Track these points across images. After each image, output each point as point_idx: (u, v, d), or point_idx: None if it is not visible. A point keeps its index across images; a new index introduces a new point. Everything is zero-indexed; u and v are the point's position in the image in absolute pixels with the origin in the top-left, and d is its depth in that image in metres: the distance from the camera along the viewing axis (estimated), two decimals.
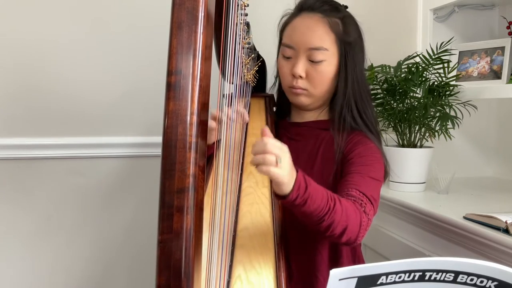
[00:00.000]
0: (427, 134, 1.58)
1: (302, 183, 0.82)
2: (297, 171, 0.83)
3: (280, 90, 1.22)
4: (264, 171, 0.79)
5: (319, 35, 1.07)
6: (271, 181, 1.07)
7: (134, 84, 1.59)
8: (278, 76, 1.21)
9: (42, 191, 1.56)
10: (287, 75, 1.11)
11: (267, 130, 0.81)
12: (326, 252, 1.08)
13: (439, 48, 1.55)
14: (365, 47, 1.15)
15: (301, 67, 1.07)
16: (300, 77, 1.08)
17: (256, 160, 0.79)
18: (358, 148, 1.06)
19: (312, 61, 1.07)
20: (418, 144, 1.59)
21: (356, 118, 1.10)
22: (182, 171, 0.52)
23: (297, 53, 1.08)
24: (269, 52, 1.29)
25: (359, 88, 1.10)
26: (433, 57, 1.55)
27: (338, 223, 0.87)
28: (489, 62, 1.61)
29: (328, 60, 1.07)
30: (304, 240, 1.06)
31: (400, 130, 1.58)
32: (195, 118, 0.53)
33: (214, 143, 1.01)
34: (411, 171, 1.57)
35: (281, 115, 1.25)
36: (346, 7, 1.15)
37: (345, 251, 1.10)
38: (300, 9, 1.12)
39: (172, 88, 0.53)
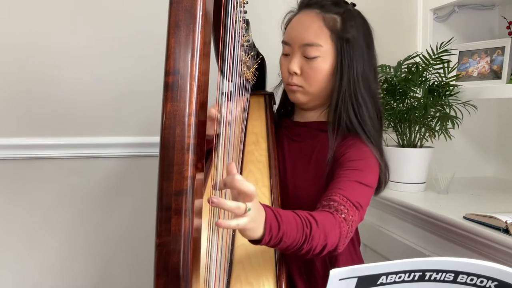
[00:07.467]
0: (427, 134, 1.58)
1: (274, 224, 0.76)
2: (265, 210, 0.76)
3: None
4: (226, 226, 0.68)
5: (313, 31, 1.06)
6: (270, 181, 1.07)
7: (132, 84, 1.59)
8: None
9: (41, 191, 1.56)
10: (285, 72, 1.10)
11: (233, 167, 0.71)
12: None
13: (439, 48, 1.55)
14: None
15: (295, 64, 1.07)
16: (295, 73, 1.07)
17: (227, 205, 0.68)
18: (350, 152, 1.02)
19: (306, 58, 1.06)
20: (418, 144, 1.58)
21: (352, 120, 1.05)
22: (180, 173, 0.51)
23: (292, 50, 1.08)
24: (269, 50, 1.28)
25: (355, 88, 1.05)
26: (433, 57, 1.55)
27: (317, 245, 0.83)
28: (489, 62, 1.61)
29: (323, 56, 1.05)
30: None
31: (400, 130, 1.58)
32: (193, 119, 0.52)
33: (213, 138, 0.98)
34: (411, 171, 1.56)
35: (286, 114, 1.23)
36: (354, 4, 1.12)
37: (344, 251, 1.08)
38: (300, 7, 1.12)
39: (170, 89, 0.52)
